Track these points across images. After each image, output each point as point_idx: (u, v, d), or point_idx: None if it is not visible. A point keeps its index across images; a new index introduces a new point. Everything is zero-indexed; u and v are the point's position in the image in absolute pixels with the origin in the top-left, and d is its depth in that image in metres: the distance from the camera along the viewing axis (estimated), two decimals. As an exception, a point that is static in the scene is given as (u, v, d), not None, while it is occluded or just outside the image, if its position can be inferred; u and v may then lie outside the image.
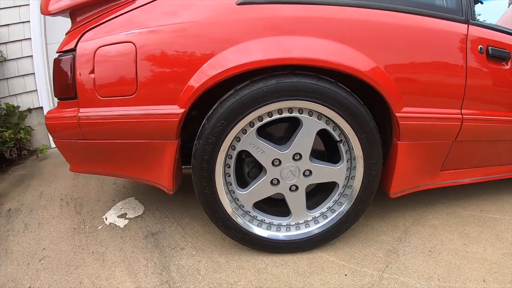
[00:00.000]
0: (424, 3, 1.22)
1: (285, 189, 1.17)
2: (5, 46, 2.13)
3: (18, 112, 2.23)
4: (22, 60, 2.18)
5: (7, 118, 2.16)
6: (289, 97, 1.03)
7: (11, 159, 2.13)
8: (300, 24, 1.05)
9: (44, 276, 1.18)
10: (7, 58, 2.14)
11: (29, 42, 2.16)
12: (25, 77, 2.21)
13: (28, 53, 2.18)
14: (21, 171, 2.11)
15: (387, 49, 1.12)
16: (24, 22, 2.13)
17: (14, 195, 1.79)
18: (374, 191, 1.21)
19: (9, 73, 2.17)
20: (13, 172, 2.10)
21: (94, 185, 1.85)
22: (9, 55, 2.15)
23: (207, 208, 1.15)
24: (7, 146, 2.03)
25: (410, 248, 1.29)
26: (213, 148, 1.06)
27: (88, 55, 1.10)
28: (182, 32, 1.05)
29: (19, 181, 1.96)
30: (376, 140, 1.14)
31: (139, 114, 1.09)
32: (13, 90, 2.20)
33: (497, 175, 1.55)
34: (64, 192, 1.79)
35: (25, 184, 1.92)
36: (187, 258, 1.24)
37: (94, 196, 1.73)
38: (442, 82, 1.21)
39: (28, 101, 2.26)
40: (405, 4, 1.18)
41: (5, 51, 2.14)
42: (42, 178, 1.97)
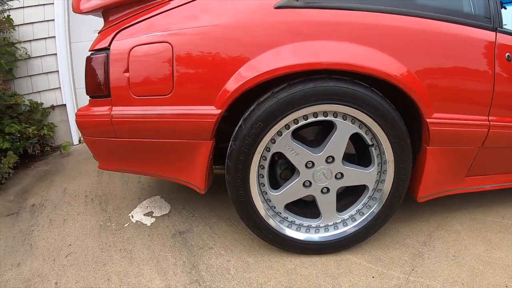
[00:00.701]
0: (454, 10, 1.21)
1: (316, 191, 1.15)
2: (30, 44, 2.12)
3: (41, 109, 2.22)
4: (46, 57, 2.17)
5: (31, 115, 2.15)
6: (325, 101, 1.02)
7: (34, 155, 2.11)
8: (336, 29, 1.04)
9: (70, 272, 1.17)
10: (31, 55, 2.13)
11: (53, 40, 2.15)
12: (49, 74, 2.20)
13: (52, 51, 2.17)
14: (44, 167, 2.09)
15: (419, 55, 1.10)
16: (49, 20, 2.11)
17: (38, 191, 1.77)
18: (403, 195, 1.19)
19: (33, 70, 2.16)
20: (36, 168, 2.08)
21: (118, 182, 1.83)
22: (33, 52, 2.14)
23: (239, 208, 1.13)
24: (30, 142, 2.01)
25: (435, 252, 1.27)
26: (249, 149, 1.04)
27: (122, 54, 1.09)
28: (220, 34, 1.04)
29: (42, 177, 1.95)
30: (407, 144, 1.12)
31: (175, 113, 1.07)
32: (36, 87, 2.18)
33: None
34: (88, 189, 1.77)
35: (49, 180, 1.90)
36: (216, 257, 1.22)
37: (119, 193, 1.71)
38: (471, 89, 1.20)
39: (51, 98, 2.24)
40: (436, 11, 1.17)
41: (30, 49, 2.13)
42: (66, 174, 1.96)
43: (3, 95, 1.90)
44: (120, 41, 1.10)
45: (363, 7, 1.08)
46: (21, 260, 1.24)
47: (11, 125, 1.86)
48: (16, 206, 1.64)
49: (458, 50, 1.16)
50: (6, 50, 1.99)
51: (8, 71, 2.04)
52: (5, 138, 1.85)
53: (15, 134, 1.90)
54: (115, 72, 1.10)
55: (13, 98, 1.98)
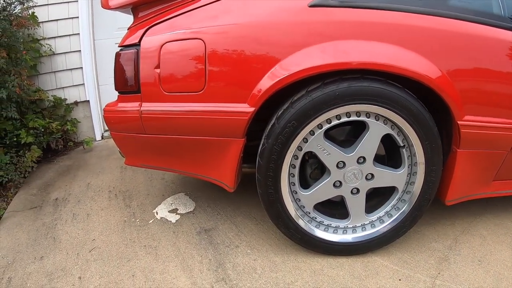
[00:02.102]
0: (484, 12, 1.16)
1: (346, 191, 1.11)
2: (54, 40, 2.10)
3: (65, 104, 2.20)
4: (70, 54, 2.15)
5: (54, 110, 2.13)
6: (359, 101, 0.98)
7: (57, 150, 2.10)
8: (370, 29, 1.00)
9: (94, 267, 1.13)
10: (55, 52, 2.11)
11: (77, 37, 2.13)
12: (73, 71, 2.18)
13: (76, 48, 2.15)
14: (67, 161, 2.07)
15: (451, 56, 1.06)
16: (73, 18, 2.09)
17: (61, 185, 1.75)
18: (432, 198, 1.15)
19: (57, 67, 2.14)
20: (59, 162, 2.06)
21: (142, 179, 1.80)
22: (57, 49, 2.12)
23: (269, 207, 1.09)
24: (53, 137, 1.99)
25: (461, 256, 1.23)
26: (281, 148, 1.00)
27: (153, 50, 1.06)
28: (253, 32, 1.00)
29: (65, 171, 1.93)
30: (439, 147, 1.08)
31: (207, 110, 1.04)
32: (60, 83, 2.17)
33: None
34: (112, 184, 1.74)
35: (72, 174, 1.88)
36: (242, 256, 1.18)
37: (143, 189, 1.68)
38: (501, 91, 1.14)
39: (75, 94, 2.23)
40: (467, 12, 1.12)
41: (54, 45, 2.11)
42: (89, 170, 1.93)
43: (28, 91, 1.88)
44: (151, 37, 1.07)
45: (397, 7, 1.04)
46: (44, 253, 1.22)
47: (35, 120, 1.84)
48: (39, 199, 1.61)
49: (489, 52, 1.11)
50: (30, 46, 1.98)
51: (32, 67, 2.03)
52: (29, 132, 1.83)
53: (39, 129, 1.89)
54: (146, 68, 1.07)
55: (37, 93, 1.96)
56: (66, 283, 1.07)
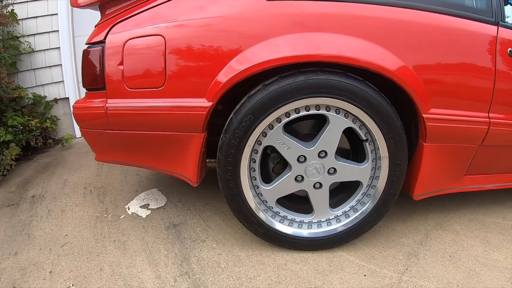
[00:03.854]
0: (454, 3, 1.18)
1: (309, 186, 1.15)
2: (33, 37, 2.17)
3: (44, 102, 2.27)
4: (50, 51, 2.22)
5: (34, 108, 2.20)
6: (317, 94, 1.01)
7: (37, 147, 2.17)
8: (329, 21, 1.03)
9: (65, 261, 1.19)
10: (35, 49, 2.18)
11: (56, 34, 2.19)
12: (52, 68, 2.25)
13: (55, 45, 2.22)
14: (46, 159, 2.14)
15: (416, 48, 1.09)
16: (52, 14, 2.16)
17: (39, 182, 1.82)
18: (397, 192, 1.18)
19: (37, 64, 2.21)
20: (38, 160, 2.13)
21: (117, 175, 1.86)
22: (37, 46, 2.19)
23: (230, 201, 1.14)
24: (33, 134, 2.06)
25: (431, 252, 1.25)
26: (239, 142, 1.05)
27: (117, 47, 1.10)
28: (210, 27, 1.04)
29: (43, 169, 2.00)
30: (403, 140, 1.10)
31: (167, 106, 1.08)
32: (40, 81, 2.24)
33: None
34: (88, 181, 1.81)
35: (50, 171, 1.95)
36: (207, 250, 1.23)
37: (117, 186, 1.74)
38: (470, 84, 1.17)
39: (54, 92, 2.30)
40: (435, 4, 1.14)
41: (33, 43, 2.18)
42: (67, 167, 2.00)
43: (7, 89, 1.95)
44: (114, 35, 1.12)
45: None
46: (19, 249, 1.28)
47: (14, 118, 1.92)
48: (16, 197, 1.68)
49: (457, 44, 1.13)
50: (10, 44, 2.04)
51: (12, 65, 2.09)
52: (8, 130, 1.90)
53: (18, 127, 1.96)
54: (110, 65, 1.11)
55: (16, 91, 2.03)
56: (37, 277, 1.14)
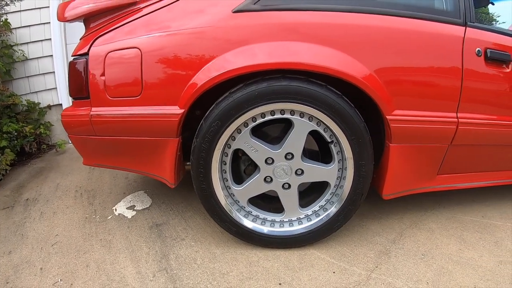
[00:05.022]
0: (418, 6, 1.30)
1: (278, 186, 1.30)
2: (27, 46, 2.41)
3: (38, 108, 2.50)
4: (43, 59, 2.45)
5: (28, 114, 2.44)
6: (280, 100, 1.16)
7: (31, 153, 2.40)
8: (291, 30, 1.18)
9: (55, 259, 1.38)
10: (28, 57, 2.41)
11: (49, 42, 2.42)
12: (46, 75, 2.48)
13: (48, 53, 2.45)
14: (40, 164, 2.37)
15: (377, 52, 1.22)
16: (45, 23, 2.39)
17: (33, 186, 2.04)
18: (365, 192, 1.31)
19: (30, 72, 2.44)
20: (32, 165, 2.36)
21: (107, 178, 2.06)
22: (30, 54, 2.42)
23: (204, 201, 1.31)
24: (27, 140, 2.29)
25: (403, 250, 1.38)
26: (209, 146, 1.21)
27: (99, 59, 1.28)
28: (180, 39, 1.20)
29: (37, 173, 2.22)
30: (366, 142, 1.23)
31: (143, 113, 1.25)
32: (33, 88, 2.47)
33: (501, 180, 1.60)
34: (79, 184, 2.01)
35: (43, 176, 2.17)
36: (186, 248, 1.40)
37: (106, 188, 1.94)
38: (436, 85, 1.28)
39: (48, 98, 2.53)
40: (396, 7, 1.26)
41: (27, 51, 2.41)
42: (59, 171, 2.22)
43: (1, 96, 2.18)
44: (97, 47, 1.30)
45: (319, 7, 1.21)
46: (12, 248, 1.48)
47: (8, 124, 2.14)
48: (11, 200, 1.90)
49: (421, 46, 1.25)
50: (4, 52, 2.27)
51: (6, 73, 2.32)
52: (3, 136, 2.12)
53: (13, 133, 2.18)
54: (93, 75, 1.29)
55: (11, 98, 2.26)
56: (29, 273, 1.33)
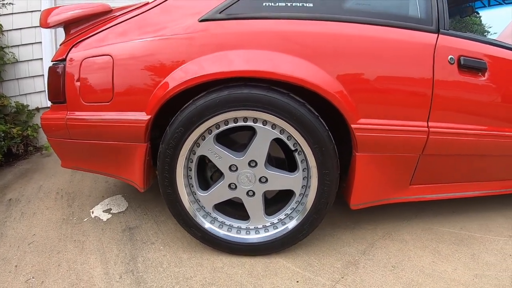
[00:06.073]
0: (388, 13, 1.38)
1: (242, 193, 1.42)
2: (17, 48, 2.63)
3: (27, 110, 2.71)
4: (33, 62, 2.66)
5: (17, 116, 2.65)
6: (241, 107, 1.27)
7: (18, 154, 2.61)
8: (255, 38, 1.29)
9: (30, 257, 1.53)
10: (18, 59, 2.63)
11: (39, 45, 2.64)
12: (35, 78, 2.69)
13: (38, 56, 2.66)
14: (26, 165, 2.57)
15: (341, 60, 1.31)
16: (36, 26, 2.60)
17: (16, 187, 2.22)
18: (330, 202, 1.39)
19: (20, 74, 2.66)
20: (18, 166, 2.56)
21: (88, 181, 2.23)
22: (20, 57, 2.64)
23: (170, 206, 1.43)
24: (14, 141, 2.50)
25: (373, 262, 1.46)
26: (173, 152, 1.34)
27: (75, 66, 1.43)
28: (148, 47, 1.34)
29: (22, 174, 2.41)
30: (330, 150, 1.31)
31: (113, 119, 1.39)
32: (23, 90, 2.69)
33: (480, 191, 1.65)
34: (61, 186, 2.19)
35: (28, 177, 2.36)
36: (154, 252, 1.53)
37: (86, 191, 2.11)
38: (404, 93, 1.35)
39: (36, 101, 2.74)
40: (363, 15, 1.35)
41: (17, 53, 2.63)
42: (44, 173, 2.41)
43: (-9, 97, 2.40)
44: (73, 54, 1.45)
45: (283, 15, 1.33)
46: (-9, 246, 1.65)
47: (-4, 126, 2.36)
48: (-5, 200, 2.09)
49: (387, 54, 1.33)
50: (-6, 54, 2.50)
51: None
52: (-10, 137, 2.34)
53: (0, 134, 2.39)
54: (69, 81, 1.45)
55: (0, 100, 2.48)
56: (4, 270, 1.48)
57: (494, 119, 1.52)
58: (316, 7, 1.36)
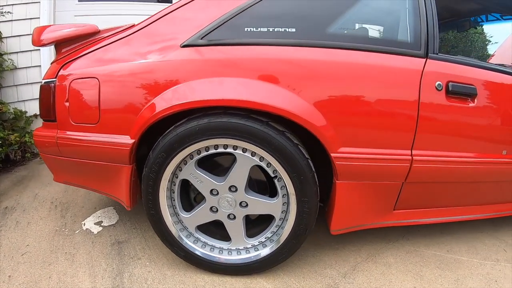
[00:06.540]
0: (374, 38, 1.42)
1: (223, 217, 1.50)
2: (16, 55, 2.75)
3: (25, 117, 2.85)
4: (31, 69, 2.79)
5: (15, 122, 2.79)
6: (220, 136, 1.34)
7: (15, 160, 2.75)
8: (234, 65, 1.35)
9: (23, 268, 1.66)
10: (17, 66, 2.76)
11: (38, 52, 2.76)
12: (33, 85, 2.82)
13: (36, 63, 2.78)
14: (23, 172, 2.72)
15: (320, 88, 1.34)
16: (34, 33, 2.71)
17: (13, 194, 2.37)
18: (309, 228, 1.45)
19: (19, 81, 2.79)
20: (15, 172, 2.71)
21: (82, 192, 2.36)
22: (19, 64, 2.76)
23: (154, 226, 1.53)
24: (12, 148, 2.64)
25: (353, 285, 1.53)
26: (156, 175, 1.43)
27: (64, 86, 1.52)
28: (132, 72, 1.41)
29: (19, 181, 2.56)
30: (308, 179, 1.36)
31: (100, 141, 1.49)
32: (21, 96, 2.82)
33: (468, 215, 1.69)
34: (56, 196, 2.32)
35: (24, 184, 2.50)
36: (140, 267, 1.64)
37: (80, 202, 2.23)
38: (387, 122, 1.38)
39: (35, 107, 2.87)
40: (346, 40, 1.38)
41: (16, 60, 2.75)
42: (39, 181, 2.55)
43: (-10, 104, 2.54)
44: (63, 74, 1.54)
45: (264, 42, 1.37)
46: (-14, 255, 1.79)
47: (-5, 132, 2.50)
48: (-8, 207, 2.24)
49: (369, 81, 1.35)
50: (-7, 61, 2.63)
51: (-5, 81, 2.69)
52: (-12, 144, 2.48)
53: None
54: (59, 101, 1.54)
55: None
56: None
57: (483, 145, 1.54)
58: (299, 33, 1.40)
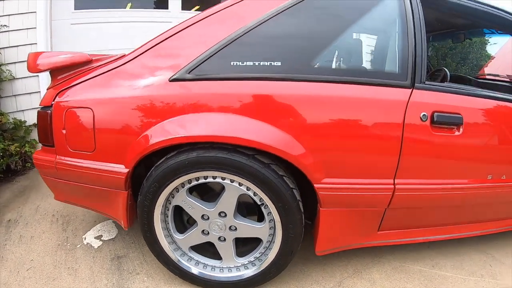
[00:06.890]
0: (359, 70, 1.48)
1: (214, 239, 1.64)
2: (14, 65, 2.85)
3: (24, 126, 2.97)
4: (29, 79, 2.89)
5: (14, 132, 2.91)
6: (208, 168, 1.45)
7: (16, 170, 2.90)
8: (217, 100, 1.43)
9: (28, 283, 1.82)
10: (16, 76, 2.86)
11: (34, 62, 2.84)
12: (32, 94, 2.94)
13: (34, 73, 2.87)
14: (24, 181, 2.87)
15: (303, 121, 1.42)
16: (32, 44, 2.80)
17: (15, 206, 2.52)
18: (294, 250, 1.58)
19: (17, 91, 2.90)
20: (17, 182, 2.86)
21: (82, 204, 2.50)
22: (17, 74, 2.87)
23: (149, 245, 1.68)
24: (12, 158, 2.78)
25: (338, 300, 1.68)
26: (150, 203, 1.56)
27: (60, 114, 1.61)
28: (123, 105, 1.50)
29: (20, 192, 2.71)
30: (293, 208, 1.47)
31: (96, 168, 1.60)
32: (20, 106, 2.94)
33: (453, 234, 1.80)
34: (57, 208, 2.47)
35: (25, 196, 2.65)
36: (138, 282, 1.79)
37: (80, 215, 2.38)
38: (370, 153, 1.46)
39: (33, 117, 2.98)
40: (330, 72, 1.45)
41: (14, 71, 2.86)
42: (41, 192, 2.70)
43: (-11, 115, 2.66)
44: (58, 102, 1.63)
45: (249, 76, 1.45)
46: (-7, 270, 1.95)
47: (-4, 144, 2.63)
48: (-5, 220, 2.40)
49: (353, 114, 1.43)
50: (-8, 72, 2.73)
51: (-6, 92, 2.80)
52: (-12, 155, 2.62)
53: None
54: (56, 128, 1.64)
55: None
56: None
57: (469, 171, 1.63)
58: (284, 66, 1.48)
